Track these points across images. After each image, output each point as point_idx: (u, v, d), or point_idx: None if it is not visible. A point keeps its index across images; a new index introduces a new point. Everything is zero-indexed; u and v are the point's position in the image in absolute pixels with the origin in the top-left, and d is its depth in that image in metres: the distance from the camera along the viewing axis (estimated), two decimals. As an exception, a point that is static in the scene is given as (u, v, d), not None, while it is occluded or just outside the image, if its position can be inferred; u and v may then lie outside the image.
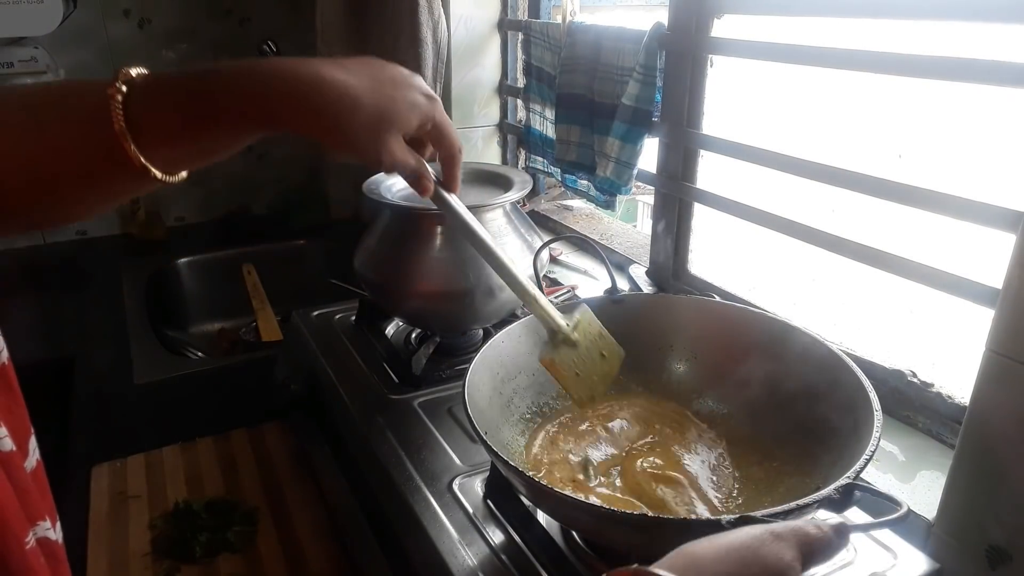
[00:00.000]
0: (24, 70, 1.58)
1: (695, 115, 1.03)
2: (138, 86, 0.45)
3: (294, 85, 0.48)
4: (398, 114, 0.53)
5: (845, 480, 0.52)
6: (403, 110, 0.53)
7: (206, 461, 1.10)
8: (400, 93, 0.53)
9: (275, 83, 0.47)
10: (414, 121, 0.55)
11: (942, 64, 0.70)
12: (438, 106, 0.57)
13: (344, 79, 0.49)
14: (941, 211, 0.72)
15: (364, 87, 0.50)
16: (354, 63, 0.51)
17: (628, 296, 0.83)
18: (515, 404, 0.74)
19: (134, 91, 0.44)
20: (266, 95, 0.47)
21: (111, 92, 0.43)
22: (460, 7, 1.41)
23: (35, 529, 0.39)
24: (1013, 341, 0.59)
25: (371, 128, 0.51)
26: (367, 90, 0.50)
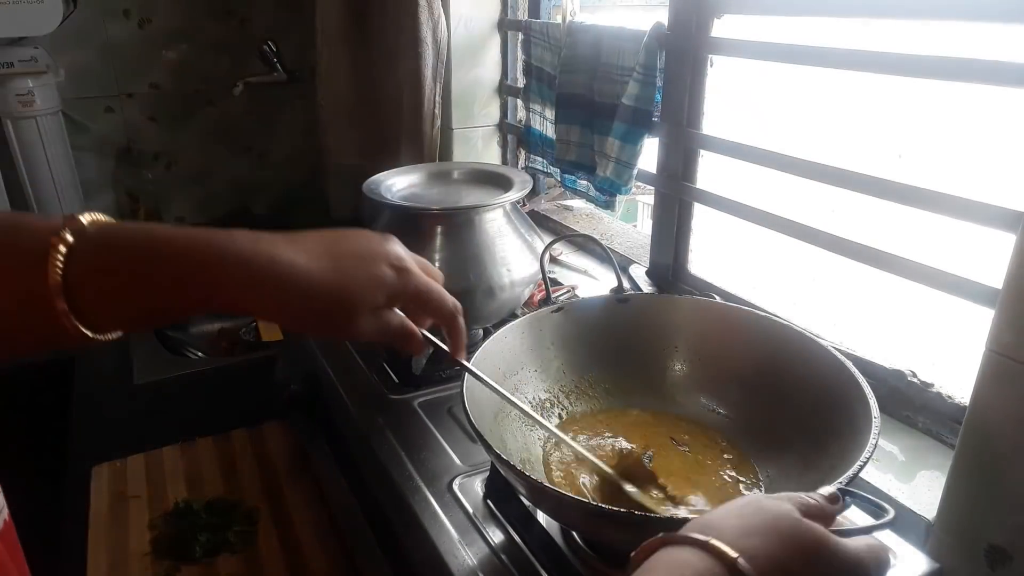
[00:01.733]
0: (24, 70, 1.58)
1: (695, 115, 1.03)
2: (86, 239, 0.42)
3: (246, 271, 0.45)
4: (357, 295, 0.49)
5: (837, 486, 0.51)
6: (364, 290, 0.49)
7: (206, 461, 1.10)
8: (361, 271, 0.49)
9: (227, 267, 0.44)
10: (380, 298, 0.50)
11: (942, 64, 0.70)
12: (411, 277, 0.52)
13: (297, 263, 0.46)
14: (941, 211, 0.72)
15: (318, 270, 0.47)
16: (314, 240, 0.48)
17: (634, 296, 0.82)
18: (515, 405, 0.74)
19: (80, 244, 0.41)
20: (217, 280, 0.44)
21: (54, 240, 0.41)
22: (460, 7, 1.41)
23: None
24: (1013, 341, 0.59)
25: (327, 315, 0.48)
26: (323, 274, 0.47)
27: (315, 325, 0.49)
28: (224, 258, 0.44)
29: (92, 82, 1.81)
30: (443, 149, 1.51)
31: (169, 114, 1.93)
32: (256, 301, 0.46)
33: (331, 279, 0.47)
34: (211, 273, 0.44)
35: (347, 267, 0.48)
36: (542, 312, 0.77)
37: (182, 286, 0.44)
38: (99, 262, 0.42)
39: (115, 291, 0.43)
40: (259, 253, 0.45)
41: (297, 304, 0.47)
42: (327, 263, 0.47)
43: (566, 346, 0.79)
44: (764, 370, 0.74)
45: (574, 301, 0.80)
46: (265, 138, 2.07)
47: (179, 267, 0.44)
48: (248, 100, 1.93)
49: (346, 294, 0.48)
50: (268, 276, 0.45)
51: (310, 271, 0.46)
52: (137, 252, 0.44)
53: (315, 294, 0.47)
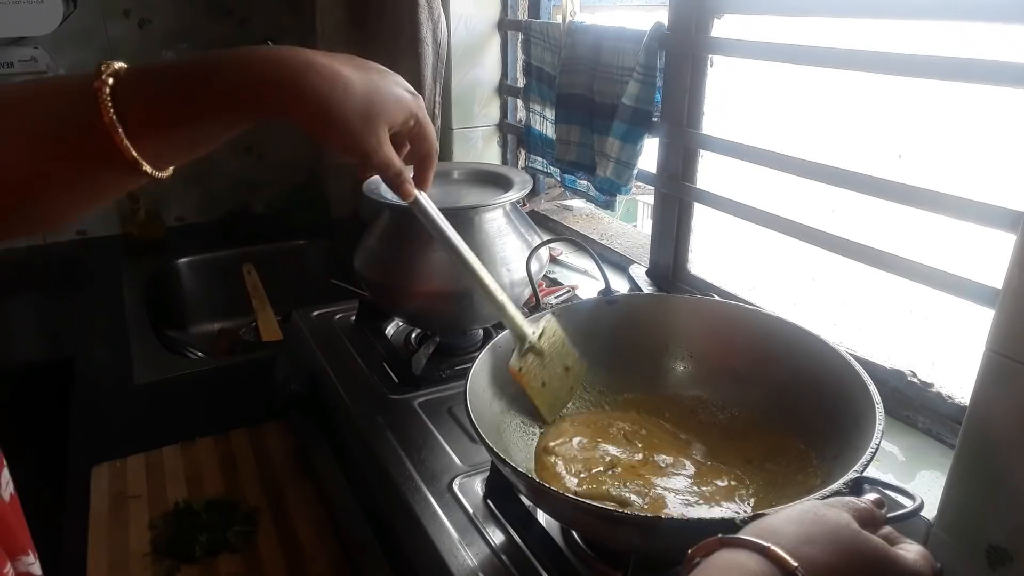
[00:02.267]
0: (24, 70, 1.58)
1: (695, 115, 1.03)
2: (124, 78, 0.44)
3: (286, 70, 0.47)
4: (386, 105, 0.53)
5: (853, 474, 0.52)
6: (391, 101, 0.54)
7: (206, 461, 1.10)
8: (387, 85, 0.54)
9: (266, 68, 0.47)
10: (400, 115, 0.55)
11: (942, 64, 0.70)
12: (421, 102, 0.58)
13: (335, 65, 0.50)
14: (941, 211, 0.72)
15: (354, 75, 0.51)
16: (341, 55, 0.52)
17: (622, 297, 0.83)
18: (516, 406, 0.74)
19: (120, 83, 0.44)
20: (257, 80, 0.47)
21: (97, 85, 0.43)
22: (460, 7, 1.41)
23: (16, 564, 0.39)
24: (1013, 341, 0.59)
25: (361, 115, 0.52)
26: (358, 78, 0.51)
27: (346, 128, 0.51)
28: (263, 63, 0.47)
29: (92, 82, 1.81)
30: (443, 149, 1.51)
31: (169, 114, 1.93)
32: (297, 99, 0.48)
33: (365, 85, 0.51)
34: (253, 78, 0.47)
35: (376, 80, 0.53)
36: (533, 318, 0.77)
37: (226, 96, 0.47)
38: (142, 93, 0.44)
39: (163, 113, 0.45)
40: (295, 56, 0.48)
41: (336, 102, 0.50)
42: (359, 72, 0.51)
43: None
44: (762, 366, 0.74)
45: (564, 305, 0.80)
46: (265, 138, 2.07)
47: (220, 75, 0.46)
48: (248, 100, 1.93)
49: (377, 99, 0.52)
50: (306, 76, 0.48)
51: (346, 73, 0.50)
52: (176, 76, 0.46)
53: (352, 95, 0.50)
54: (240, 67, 0.47)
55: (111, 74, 0.44)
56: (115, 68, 0.44)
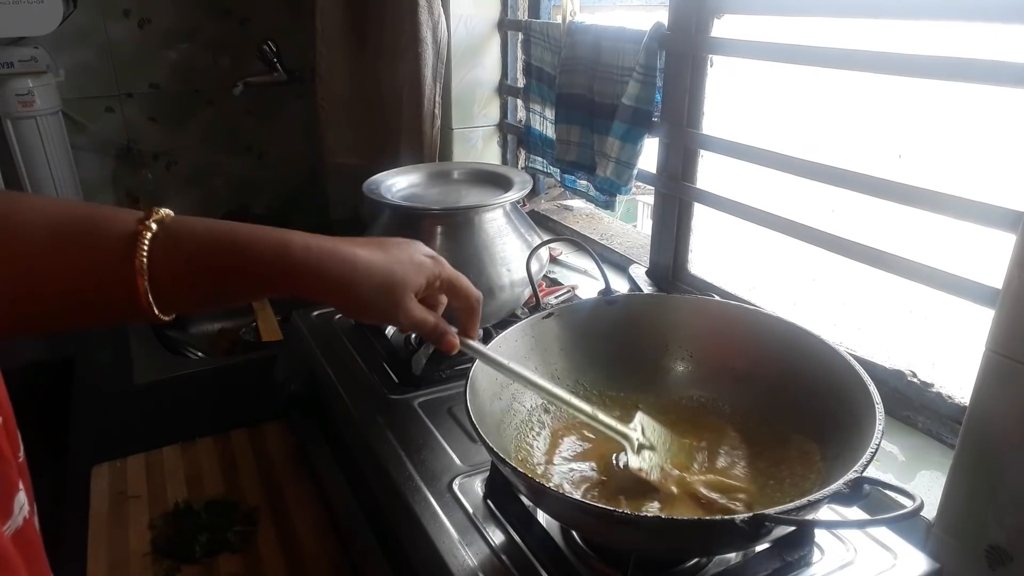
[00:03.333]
0: (24, 70, 1.58)
1: (695, 115, 1.03)
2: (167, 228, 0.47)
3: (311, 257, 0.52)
4: (406, 275, 0.57)
5: (853, 474, 0.52)
6: (411, 271, 0.58)
7: (206, 461, 1.10)
8: (406, 256, 0.58)
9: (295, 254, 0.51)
10: (422, 279, 0.58)
11: (942, 64, 0.70)
12: (443, 263, 0.61)
13: (353, 250, 0.55)
14: (941, 211, 0.72)
15: (372, 255, 0.56)
16: (362, 239, 0.57)
17: (622, 297, 0.82)
18: (516, 407, 0.74)
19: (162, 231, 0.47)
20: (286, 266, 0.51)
21: (140, 228, 0.46)
22: (460, 7, 1.41)
23: None
24: (1013, 341, 0.59)
25: (383, 291, 0.56)
26: (376, 257, 0.56)
27: (371, 304, 0.56)
28: (292, 249, 0.52)
29: (92, 82, 1.81)
30: (443, 149, 1.51)
31: (169, 114, 1.93)
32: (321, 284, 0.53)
33: (383, 261, 0.56)
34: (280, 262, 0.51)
35: (394, 254, 0.58)
36: (533, 318, 0.77)
37: (252, 274, 0.51)
38: (179, 249, 0.48)
39: (191, 276, 0.49)
40: (320, 244, 0.53)
41: (358, 283, 0.54)
42: (377, 251, 0.56)
43: (560, 351, 0.78)
44: (761, 366, 0.74)
45: (564, 306, 0.80)
46: (265, 138, 2.07)
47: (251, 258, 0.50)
48: (248, 100, 1.93)
49: (397, 273, 0.57)
50: (330, 262, 0.53)
51: (365, 255, 0.55)
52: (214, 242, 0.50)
53: (372, 273, 0.55)
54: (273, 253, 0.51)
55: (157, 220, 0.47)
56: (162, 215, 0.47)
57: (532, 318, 0.77)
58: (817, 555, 0.64)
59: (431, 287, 0.60)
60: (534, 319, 0.77)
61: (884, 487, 0.51)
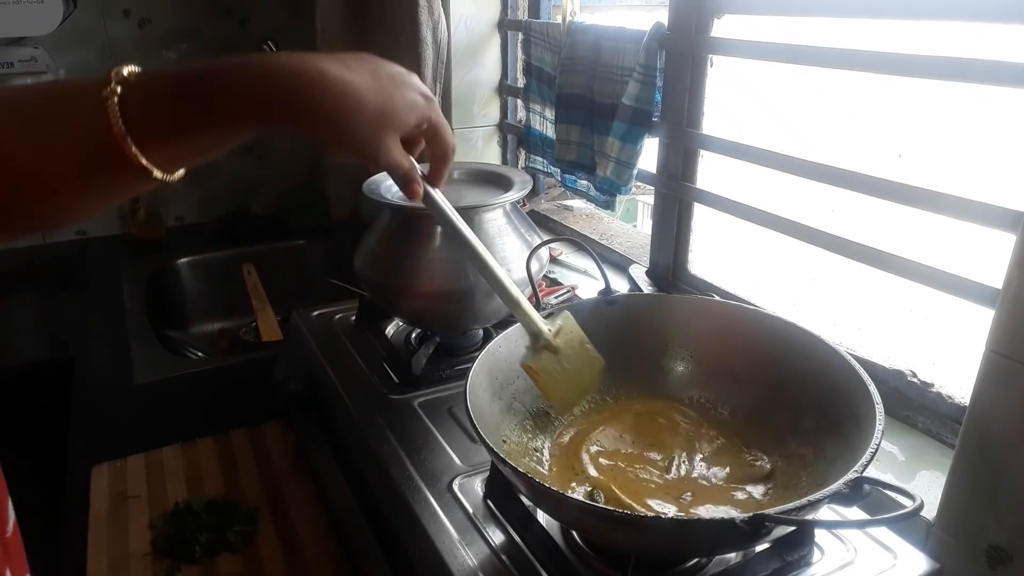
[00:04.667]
0: (24, 70, 1.58)
1: (695, 115, 1.03)
2: (133, 85, 0.44)
3: (296, 81, 0.47)
4: (397, 113, 0.54)
5: (853, 474, 0.52)
6: (402, 109, 0.54)
7: (206, 461, 1.10)
8: (399, 92, 0.54)
9: (276, 78, 0.47)
10: (412, 120, 0.55)
11: (942, 64, 0.71)
12: (435, 105, 0.58)
13: (346, 76, 0.49)
14: (941, 211, 0.72)
15: (366, 85, 0.51)
16: (353, 60, 0.51)
17: (622, 297, 0.83)
18: (515, 407, 0.74)
19: (129, 91, 0.43)
20: (267, 91, 0.47)
21: (106, 94, 0.43)
22: (460, 7, 1.41)
23: None
24: (1013, 341, 0.59)
25: (371, 126, 0.52)
26: (369, 89, 0.51)
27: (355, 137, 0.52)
28: (275, 71, 0.47)
29: (92, 82, 1.81)
30: (443, 149, 1.50)
31: (169, 114, 1.93)
32: (308, 112, 0.48)
33: (376, 97, 0.51)
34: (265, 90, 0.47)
35: (388, 86, 0.53)
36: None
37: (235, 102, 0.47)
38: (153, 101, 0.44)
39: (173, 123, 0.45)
40: (307, 66, 0.48)
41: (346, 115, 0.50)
42: (371, 80, 0.51)
43: (561, 350, 0.79)
44: (761, 366, 0.74)
45: (564, 306, 0.80)
46: (265, 138, 2.07)
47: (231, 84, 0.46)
48: (248, 100, 1.92)
49: (388, 111, 0.53)
50: (318, 89, 0.48)
51: (357, 83, 0.50)
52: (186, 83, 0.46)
53: (363, 107, 0.51)
54: (250, 77, 0.47)
55: (120, 81, 0.43)
56: (124, 75, 0.44)
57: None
58: (817, 555, 0.64)
59: (417, 128, 0.57)
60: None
61: (884, 487, 0.51)
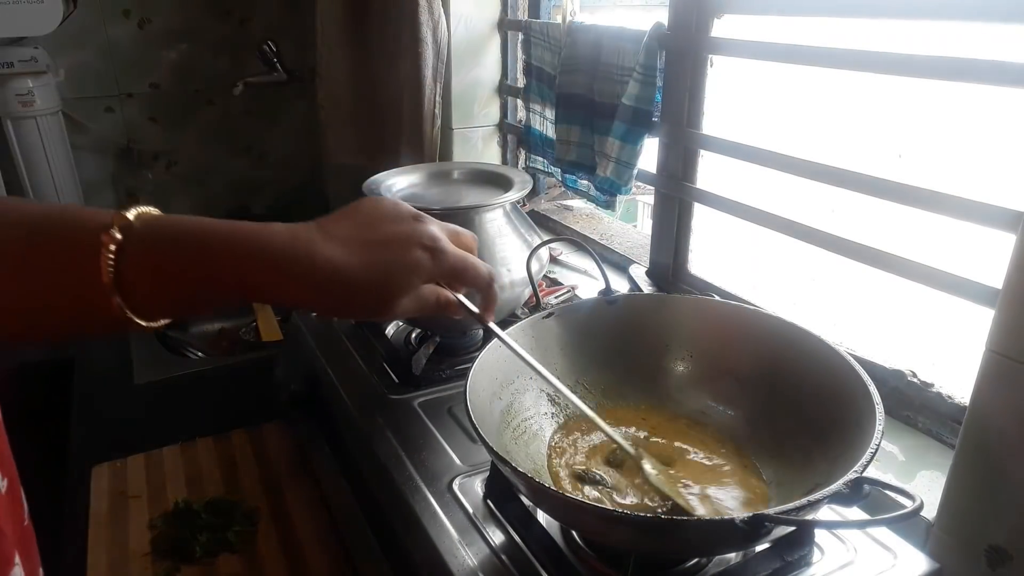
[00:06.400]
0: (24, 70, 1.58)
1: (695, 115, 1.03)
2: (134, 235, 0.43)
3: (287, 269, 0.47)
4: (395, 283, 0.51)
5: (853, 474, 0.52)
6: (402, 277, 0.51)
7: (206, 461, 1.10)
8: (398, 259, 0.51)
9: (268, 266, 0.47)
10: (416, 283, 0.52)
11: (942, 64, 0.70)
12: (445, 257, 0.53)
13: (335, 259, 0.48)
14: (941, 211, 0.72)
15: (358, 264, 0.49)
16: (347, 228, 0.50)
17: (622, 297, 0.83)
18: (516, 407, 0.74)
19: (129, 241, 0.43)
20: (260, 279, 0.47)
21: (104, 239, 0.42)
22: (460, 7, 1.41)
23: None
24: (1013, 341, 0.59)
25: (368, 305, 0.51)
26: (359, 266, 0.49)
27: (356, 314, 0.52)
28: (263, 258, 0.47)
29: (92, 82, 1.81)
30: (443, 149, 1.51)
31: (169, 114, 1.93)
32: (296, 296, 0.48)
33: (369, 271, 0.49)
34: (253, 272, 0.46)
35: (384, 258, 0.50)
36: (534, 318, 0.77)
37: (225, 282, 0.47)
38: (148, 259, 0.44)
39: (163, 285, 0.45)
40: (298, 252, 0.47)
41: (339, 297, 0.49)
42: (364, 255, 0.49)
43: (561, 351, 0.78)
44: (761, 366, 0.74)
45: (564, 306, 0.80)
46: (265, 138, 2.07)
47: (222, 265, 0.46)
48: (248, 100, 1.93)
49: (385, 284, 0.50)
50: (308, 274, 0.47)
51: (349, 265, 0.48)
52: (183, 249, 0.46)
53: (355, 288, 0.49)
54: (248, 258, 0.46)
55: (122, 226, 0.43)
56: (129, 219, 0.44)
57: (532, 318, 0.77)
58: (817, 555, 0.64)
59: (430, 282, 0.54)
60: (534, 319, 0.77)
61: (884, 487, 0.51)
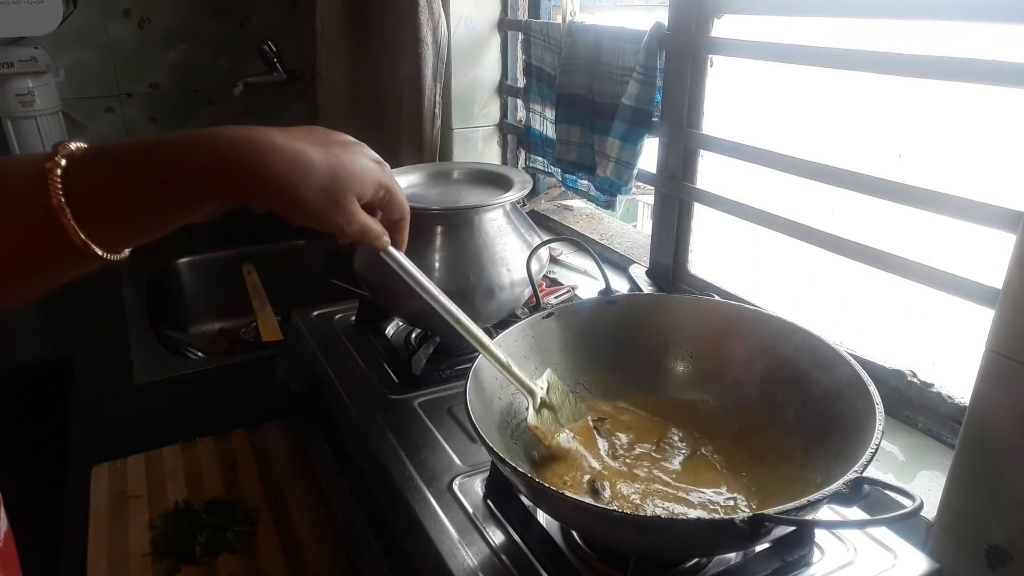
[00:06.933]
0: (24, 70, 1.57)
1: (695, 115, 1.03)
2: (78, 159, 0.43)
3: (243, 151, 0.46)
4: (352, 176, 0.52)
5: (853, 474, 0.52)
6: (356, 173, 0.52)
7: (206, 461, 1.10)
8: (351, 157, 0.52)
9: (223, 148, 0.46)
10: (369, 186, 0.54)
11: (942, 64, 0.71)
12: (388, 170, 0.57)
13: (295, 144, 0.49)
14: (941, 211, 0.72)
15: (315, 152, 0.50)
16: (301, 131, 0.51)
17: (622, 297, 0.83)
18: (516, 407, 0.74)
19: (74, 164, 0.42)
20: (216, 165, 0.46)
21: (49, 166, 0.42)
22: (460, 7, 1.41)
23: None
24: (1013, 341, 0.59)
25: (327, 191, 0.50)
26: (319, 154, 0.50)
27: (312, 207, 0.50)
28: (220, 144, 0.46)
29: (92, 82, 1.81)
30: (443, 149, 1.51)
31: (169, 114, 1.93)
32: (257, 182, 0.47)
33: (327, 159, 0.50)
34: (210, 160, 0.45)
35: (339, 152, 0.52)
36: (534, 318, 0.77)
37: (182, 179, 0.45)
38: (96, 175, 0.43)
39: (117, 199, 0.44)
40: (254, 137, 0.47)
41: (298, 180, 0.48)
42: (321, 147, 0.50)
43: (561, 351, 0.79)
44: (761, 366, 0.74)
45: (564, 306, 0.80)
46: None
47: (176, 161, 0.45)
48: (248, 100, 1.93)
49: (342, 173, 0.51)
50: (268, 160, 0.47)
51: (307, 151, 0.49)
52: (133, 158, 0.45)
53: (314, 174, 0.49)
54: (198, 153, 0.45)
55: (65, 155, 0.42)
56: (71, 148, 0.43)
57: (532, 318, 0.77)
58: (817, 555, 0.64)
59: (375, 196, 0.55)
60: (534, 319, 0.77)
61: (884, 487, 0.51)
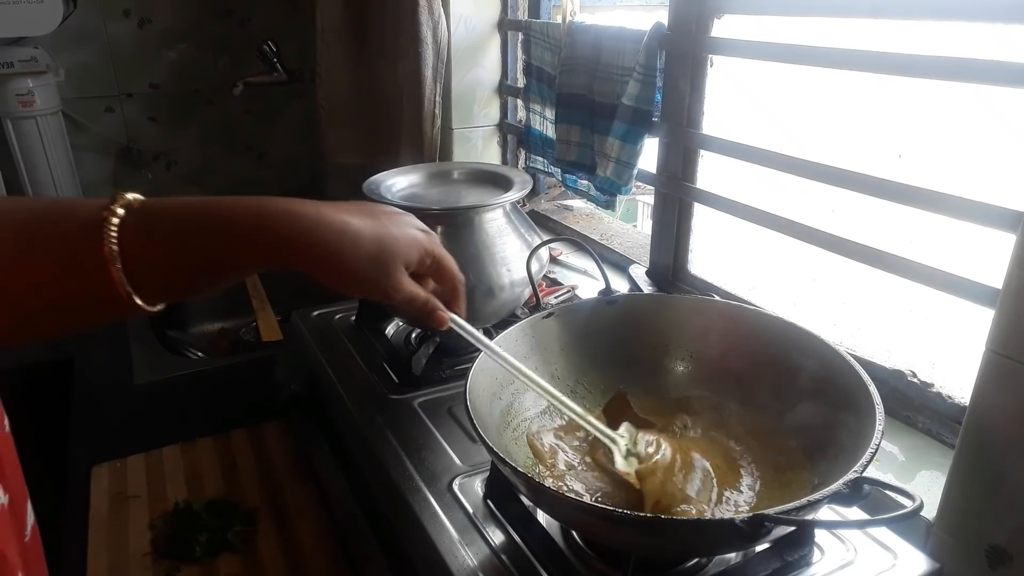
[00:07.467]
0: (24, 70, 1.58)
1: (695, 115, 1.03)
2: (135, 211, 0.44)
3: (295, 223, 0.48)
4: (400, 248, 0.53)
5: (853, 474, 0.52)
6: (403, 242, 0.54)
7: (206, 461, 1.10)
8: (398, 227, 0.54)
9: (275, 222, 0.47)
10: (415, 255, 0.55)
11: (942, 64, 0.71)
12: (435, 239, 0.58)
13: (343, 216, 0.50)
14: (941, 211, 0.72)
15: (363, 223, 0.51)
16: (349, 205, 0.53)
17: (622, 297, 0.83)
18: (516, 407, 0.74)
19: (130, 216, 0.43)
20: (266, 235, 0.47)
21: (106, 214, 0.43)
22: (460, 7, 1.41)
23: None
24: (1013, 341, 0.59)
25: (374, 262, 0.52)
26: (366, 225, 0.51)
27: (360, 276, 0.52)
28: (271, 215, 0.47)
29: (92, 82, 1.81)
30: (443, 149, 1.51)
31: (169, 114, 1.93)
32: (307, 252, 0.49)
33: (374, 229, 0.52)
34: (261, 230, 0.47)
35: (386, 223, 0.53)
36: (534, 318, 0.77)
37: (233, 248, 0.47)
38: (150, 231, 0.44)
39: (166, 258, 0.45)
40: (305, 210, 0.49)
41: (347, 252, 0.50)
42: (368, 220, 0.52)
43: (561, 351, 0.79)
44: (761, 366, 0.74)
45: (564, 306, 0.80)
46: (265, 138, 2.07)
47: (229, 230, 0.46)
48: (248, 100, 1.93)
49: (388, 244, 0.53)
50: (316, 229, 0.49)
51: (355, 223, 0.51)
52: (187, 220, 0.46)
53: (362, 243, 0.51)
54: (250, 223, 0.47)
55: (123, 204, 0.44)
56: (128, 199, 0.44)
57: (532, 318, 0.77)
58: (817, 555, 0.64)
59: (422, 264, 0.56)
60: (534, 319, 0.77)
61: (884, 487, 0.52)
